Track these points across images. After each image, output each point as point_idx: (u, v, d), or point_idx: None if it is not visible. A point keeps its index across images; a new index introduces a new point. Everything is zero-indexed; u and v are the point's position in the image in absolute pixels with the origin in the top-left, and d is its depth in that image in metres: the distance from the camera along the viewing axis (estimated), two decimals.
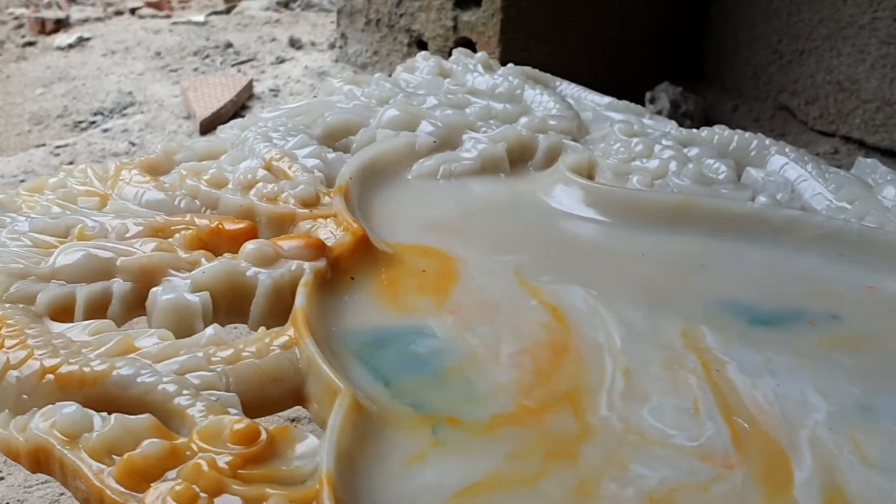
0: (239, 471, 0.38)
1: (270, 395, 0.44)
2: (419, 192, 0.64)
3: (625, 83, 1.07)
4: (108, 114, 1.29)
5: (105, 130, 1.22)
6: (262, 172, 0.59)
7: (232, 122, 0.71)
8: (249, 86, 1.28)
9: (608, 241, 0.61)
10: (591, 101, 0.78)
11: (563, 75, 0.82)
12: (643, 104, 1.11)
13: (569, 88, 0.80)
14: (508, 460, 0.42)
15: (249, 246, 0.51)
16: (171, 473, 0.38)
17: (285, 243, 0.52)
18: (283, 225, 0.57)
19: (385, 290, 0.53)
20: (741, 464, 0.43)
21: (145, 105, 1.29)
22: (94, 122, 1.26)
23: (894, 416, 0.46)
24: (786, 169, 0.66)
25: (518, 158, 0.68)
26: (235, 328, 0.59)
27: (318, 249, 0.52)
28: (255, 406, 0.43)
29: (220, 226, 0.54)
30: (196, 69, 1.40)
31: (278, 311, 0.49)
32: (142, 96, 1.32)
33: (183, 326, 0.48)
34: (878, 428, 0.46)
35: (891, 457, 0.44)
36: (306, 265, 0.51)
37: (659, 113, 1.06)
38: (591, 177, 0.66)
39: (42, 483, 0.64)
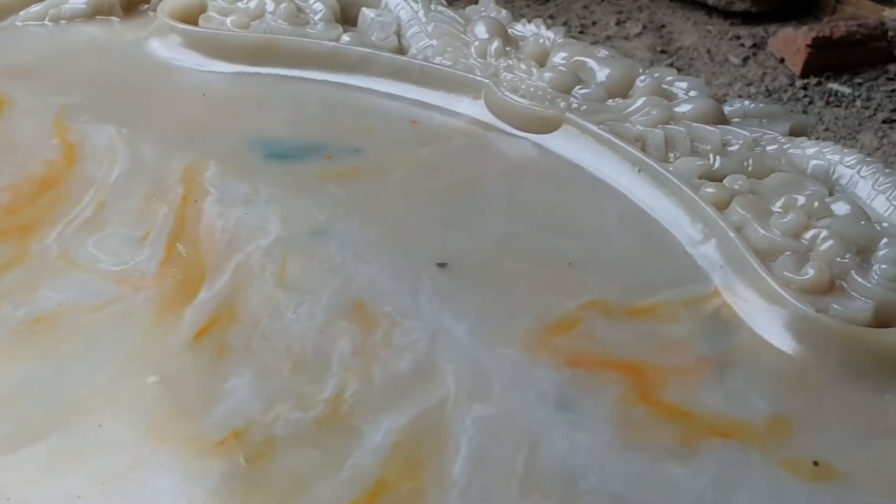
0: None
1: None
2: (21, 37, 0.64)
3: None
4: None
5: None
6: None
7: None
8: None
9: (180, 83, 0.60)
10: None
11: None
12: None
13: None
14: None
15: None
16: None
17: None
18: None
19: None
20: (153, 286, 0.44)
21: None
22: None
23: (343, 240, 0.48)
24: (399, 9, 0.65)
25: (138, 2, 0.67)
26: None
27: None
28: None
29: None
30: None
31: None
32: None
33: None
34: (316, 251, 0.47)
35: (307, 277, 0.45)
36: None
37: None
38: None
39: None
